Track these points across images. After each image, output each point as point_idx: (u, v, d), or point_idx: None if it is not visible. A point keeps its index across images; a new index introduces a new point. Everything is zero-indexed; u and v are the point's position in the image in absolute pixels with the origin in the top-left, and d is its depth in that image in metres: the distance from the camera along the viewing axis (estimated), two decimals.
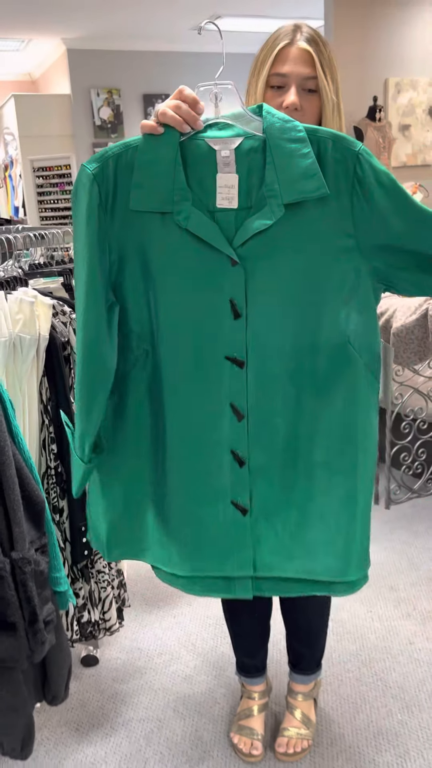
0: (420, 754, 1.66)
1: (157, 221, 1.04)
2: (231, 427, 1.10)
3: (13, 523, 1.29)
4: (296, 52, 1.25)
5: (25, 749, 1.40)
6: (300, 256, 1.05)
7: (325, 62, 1.27)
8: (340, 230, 1.04)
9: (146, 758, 1.69)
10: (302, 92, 1.26)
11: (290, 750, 1.66)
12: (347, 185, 1.02)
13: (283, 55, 1.25)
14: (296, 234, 1.03)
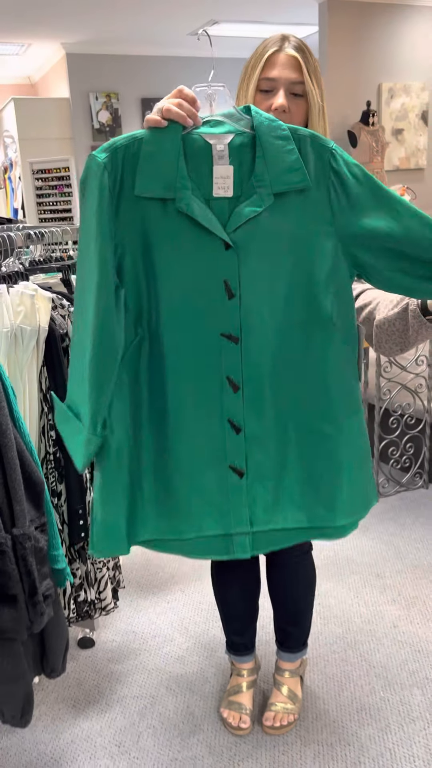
0: (400, 727, 1.74)
1: (159, 208, 1.13)
2: (227, 398, 1.20)
3: (14, 502, 1.37)
4: (284, 58, 1.34)
5: (25, 717, 1.48)
6: (286, 240, 1.16)
7: (311, 69, 1.36)
8: (321, 218, 1.16)
9: (140, 732, 1.77)
10: (290, 96, 1.35)
11: (277, 723, 1.74)
12: (325, 177, 1.15)
13: (272, 61, 1.35)
14: (283, 220, 1.15)
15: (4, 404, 1.36)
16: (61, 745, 1.74)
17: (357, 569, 2.45)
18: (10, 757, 1.71)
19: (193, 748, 1.71)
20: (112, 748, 1.73)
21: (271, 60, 1.34)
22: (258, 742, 1.72)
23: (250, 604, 1.79)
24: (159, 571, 2.49)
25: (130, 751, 1.71)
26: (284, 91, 1.34)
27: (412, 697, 1.84)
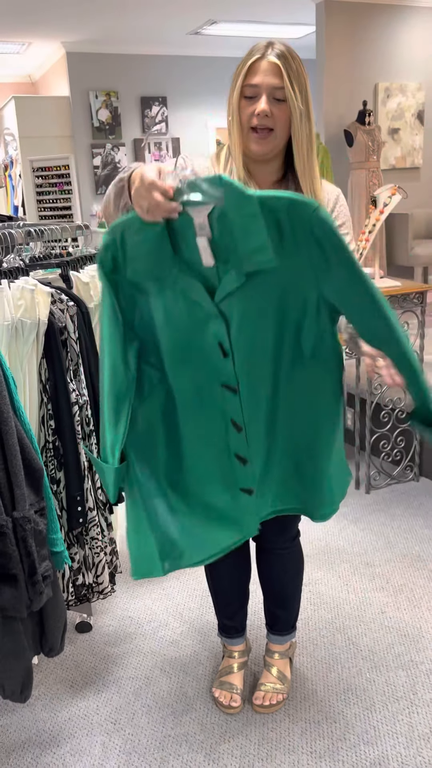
0: (384, 706, 1.82)
1: (153, 284, 1.29)
2: (233, 437, 1.41)
3: (15, 486, 1.44)
4: (266, 65, 1.40)
5: (24, 692, 1.55)
6: (267, 304, 1.29)
7: (293, 74, 1.40)
8: (302, 280, 1.26)
9: (134, 710, 1.84)
10: (272, 101, 1.41)
11: (266, 702, 1.81)
12: (306, 243, 1.21)
13: (254, 68, 1.41)
14: (261, 289, 1.27)
15: (5, 393, 1.43)
16: (59, 722, 1.81)
17: (347, 558, 2.53)
18: (10, 734, 1.78)
19: (186, 725, 1.78)
20: (108, 725, 1.80)
21: (254, 67, 1.41)
22: (248, 720, 1.79)
23: (241, 589, 1.86)
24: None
25: (125, 728, 1.79)
26: (266, 96, 1.40)
27: (397, 678, 1.91)
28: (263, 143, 1.41)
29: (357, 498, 3.01)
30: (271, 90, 1.39)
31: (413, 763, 1.63)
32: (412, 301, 2.93)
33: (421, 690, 1.86)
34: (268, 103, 1.39)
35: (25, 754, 1.72)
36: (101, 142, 7.31)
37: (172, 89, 7.54)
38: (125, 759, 1.69)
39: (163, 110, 7.55)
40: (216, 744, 1.72)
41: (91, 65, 7.11)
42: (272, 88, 1.39)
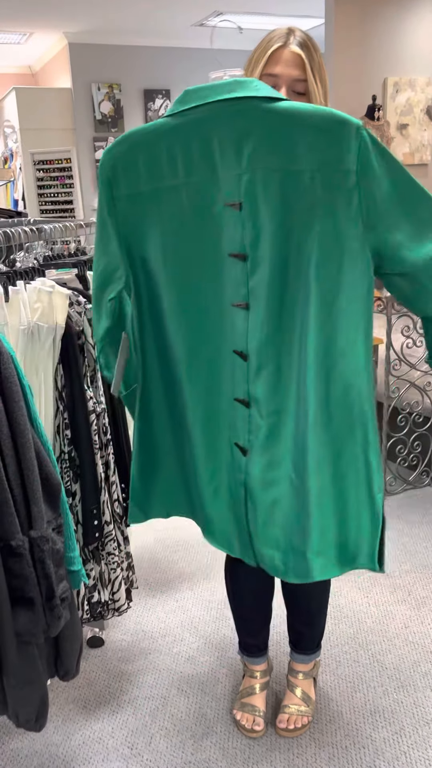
0: (415, 730, 1.73)
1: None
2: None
3: (32, 503, 1.35)
4: (288, 54, 1.30)
5: (40, 720, 1.46)
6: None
7: (315, 66, 1.32)
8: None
9: (152, 734, 1.76)
10: (291, 93, 1.32)
11: (291, 726, 1.73)
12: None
13: (275, 57, 1.31)
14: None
15: (22, 404, 1.33)
16: (72, 746, 1.72)
17: None
18: (21, 760, 1.69)
19: (207, 750, 1.70)
20: (124, 750, 1.71)
21: (275, 56, 1.31)
22: (272, 745, 1.70)
23: (264, 605, 1.77)
24: (168, 569, 2.48)
25: (142, 753, 1.70)
26: (286, 88, 1.31)
27: (426, 699, 1.83)
28: None
29: None
30: (292, 82, 1.30)
31: None
32: None
33: None
34: (288, 95, 1.30)
35: None
36: (103, 135, 7.19)
37: (176, 82, 7.41)
38: None
39: (167, 103, 7.43)
40: None
41: (94, 56, 6.98)
42: (293, 80, 1.30)
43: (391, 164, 1.13)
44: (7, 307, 1.47)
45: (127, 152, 1.18)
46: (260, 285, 1.18)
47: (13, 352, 1.35)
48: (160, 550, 2.62)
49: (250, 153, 1.11)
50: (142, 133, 1.17)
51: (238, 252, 1.17)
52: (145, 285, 1.28)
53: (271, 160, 1.11)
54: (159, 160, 1.16)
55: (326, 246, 1.14)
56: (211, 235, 1.18)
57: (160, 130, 1.15)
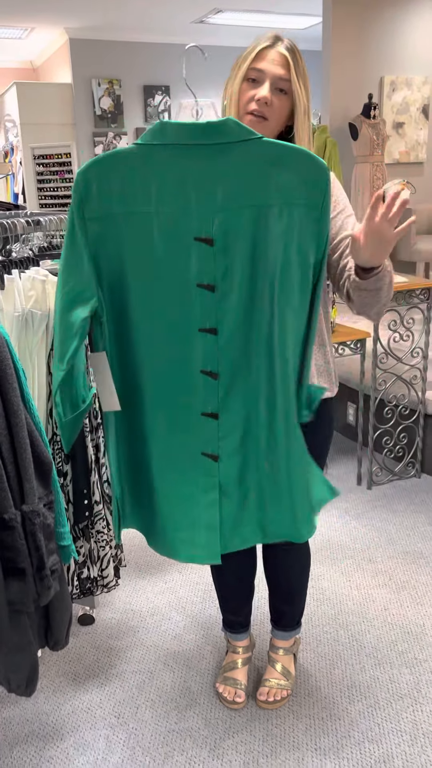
0: (389, 704, 1.82)
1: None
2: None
3: (24, 480, 1.42)
4: (275, 54, 1.40)
5: (30, 686, 1.54)
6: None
7: (299, 70, 1.41)
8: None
9: (138, 704, 1.84)
10: (275, 91, 1.40)
11: (270, 698, 1.81)
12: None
13: (262, 55, 1.40)
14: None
15: (15, 385, 1.41)
16: (62, 715, 1.81)
17: (350, 554, 2.52)
18: (13, 727, 1.77)
19: (190, 720, 1.78)
20: (111, 719, 1.79)
21: (262, 54, 1.40)
22: (252, 716, 1.79)
23: (246, 584, 1.85)
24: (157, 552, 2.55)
25: (128, 722, 1.78)
26: (270, 84, 1.39)
27: (401, 675, 1.91)
28: (256, 128, 1.40)
29: (359, 494, 3.00)
30: (276, 79, 1.39)
31: (418, 762, 1.63)
32: (418, 297, 2.91)
33: (425, 688, 1.86)
34: (270, 91, 1.38)
35: (28, 748, 1.71)
36: (103, 130, 7.26)
37: (176, 78, 7.47)
38: (129, 753, 1.68)
39: (166, 99, 7.49)
40: (220, 739, 1.71)
41: (94, 52, 7.04)
42: (277, 77, 1.39)
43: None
44: (3, 294, 1.55)
45: (102, 173, 1.20)
46: (228, 312, 1.26)
47: (8, 337, 1.43)
48: None
49: (225, 192, 1.18)
50: (118, 157, 1.20)
51: (207, 283, 1.23)
52: (110, 306, 1.31)
53: (245, 197, 1.18)
54: (133, 185, 1.19)
55: (289, 273, 1.25)
56: (179, 265, 1.23)
57: (137, 156, 1.18)
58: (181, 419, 1.33)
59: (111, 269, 1.26)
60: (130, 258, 1.24)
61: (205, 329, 1.26)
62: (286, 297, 1.27)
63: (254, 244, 1.22)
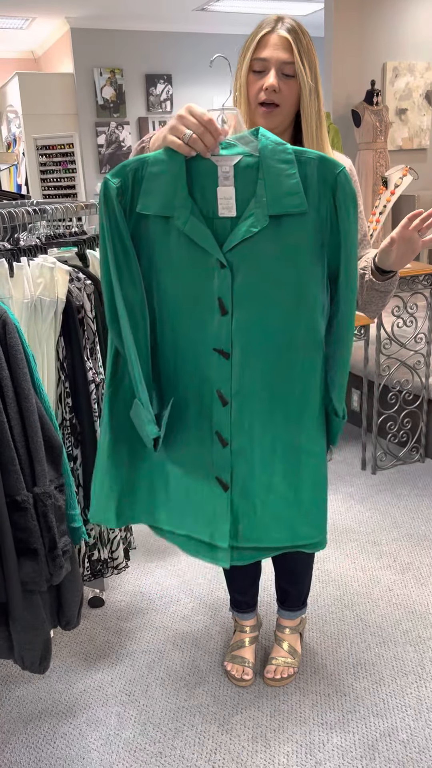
0: (393, 680, 1.86)
1: (162, 224, 1.19)
2: (216, 411, 1.29)
3: (36, 463, 1.46)
4: (276, 39, 1.38)
5: (43, 663, 1.59)
6: (281, 262, 1.20)
7: (303, 50, 1.38)
8: (317, 241, 1.20)
9: (148, 683, 1.88)
10: (281, 76, 1.39)
11: (277, 676, 1.85)
12: (327, 204, 1.18)
13: (264, 42, 1.39)
14: (278, 243, 1.18)
15: (26, 371, 1.44)
16: (74, 693, 1.85)
17: (355, 537, 2.56)
18: (27, 705, 1.82)
19: (199, 697, 1.82)
20: (122, 696, 1.84)
21: (263, 41, 1.39)
22: (260, 693, 1.83)
23: (252, 564, 1.89)
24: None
25: (139, 699, 1.83)
26: (275, 71, 1.38)
27: (405, 653, 1.95)
28: (270, 118, 1.41)
29: (363, 478, 3.04)
30: (281, 65, 1.38)
31: (422, 735, 1.67)
32: (422, 282, 2.93)
33: (429, 665, 1.90)
34: (277, 78, 1.38)
35: (42, 724, 1.76)
36: (105, 120, 7.25)
37: (178, 67, 7.46)
38: (141, 729, 1.73)
39: (168, 88, 7.48)
40: (229, 715, 1.76)
41: (96, 42, 7.02)
42: (281, 62, 1.37)
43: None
44: (12, 281, 1.58)
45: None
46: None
47: (18, 323, 1.46)
48: None
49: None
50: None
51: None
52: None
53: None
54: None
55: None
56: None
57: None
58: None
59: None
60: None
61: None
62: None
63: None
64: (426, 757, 1.61)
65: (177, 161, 1.15)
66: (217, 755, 1.64)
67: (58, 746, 1.69)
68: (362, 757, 1.62)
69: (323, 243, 1.20)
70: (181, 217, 1.17)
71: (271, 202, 1.15)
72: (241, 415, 1.27)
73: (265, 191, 1.15)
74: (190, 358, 1.25)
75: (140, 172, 1.18)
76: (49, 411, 1.52)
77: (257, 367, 1.25)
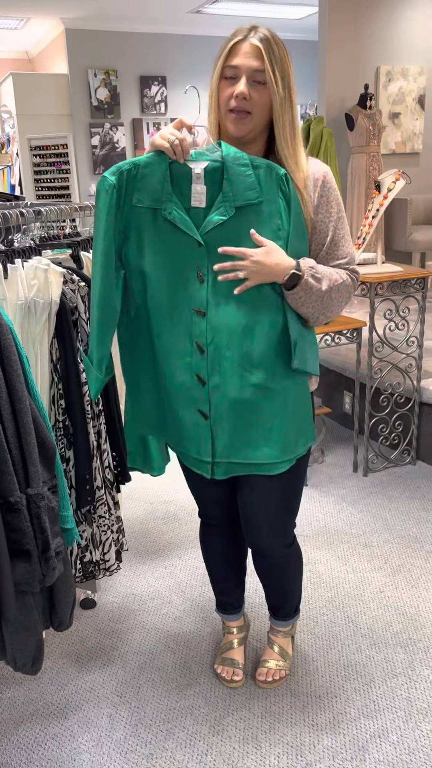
0: (384, 682, 1.87)
1: (150, 215, 1.46)
2: (196, 358, 1.51)
3: (29, 464, 1.46)
4: (247, 47, 1.40)
5: (36, 664, 1.59)
6: (244, 241, 1.44)
7: (275, 59, 1.40)
8: (273, 226, 1.46)
9: (140, 684, 1.89)
10: (252, 83, 1.41)
11: (269, 678, 1.86)
12: (276, 196, 1.44)
13: (235, 50, 1.41)
14: (242, 226, 1.44)
15: (20, 372, 1.44)
16: (65, 695, 1.85)
17: (346, 539, 2.57)
18: (18, 706, 1.82)
19: (190, 698, 1.83)
20: (114, 698, 1.84)
21: (235, 49, 1.41)
22: (251, 694, 1.84)
23: (236, 567, 1.89)
24: (157, 539, 2.60)
25: (131, 701, 1.83)
26: (246, 78, 1.40)
27: (396, 655, 1.96)
28: (240, 125, 1.43)
29: (355, 480, 3.05)
30: (251, 72, 1.40)
31: (412, 736, 1.69)
32: (414, 286, 2.95)
33: (419, 666, 1.91)
34: (247, 85, 1.40)
35: (33, 726, 1.76)
36: (100, 121, 7.25)
37: (172, 69, 7.47)
38: (132, 730, 1.73)
39: (163, 90, 7.48)
40: (220, 717, 1.76)
41: (91, 43, 7.02)
42: (252, 70, 1.40)
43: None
44: (6, 283, 1.58)
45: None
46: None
47: (12, 324, 1.46)
48: (150, 520, 2.74)
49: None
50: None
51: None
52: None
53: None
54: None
55: None
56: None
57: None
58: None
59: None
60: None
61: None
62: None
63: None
64: (416, 759, 1.62)
65: (163, 164, 1.43)
66: (208, 757, 1.65)
67: (49, 748, 1.69)
68: (353, 759, 1.63)
69: (280, 227, 1.46)
70: (168, 208, 1.44)
71: (235, 196, 1.42)
72: (214, 360, 1.50)
73: (230, 188, 1.42)
74: (176, 317, 1.51)
75: (133, 172, 1.44)
76: (43, 412, 1.53)
77: (226, 322, 1.49)
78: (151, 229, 1.46)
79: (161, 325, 1.52)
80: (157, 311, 1.51)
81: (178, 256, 1.46)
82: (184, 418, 1.57)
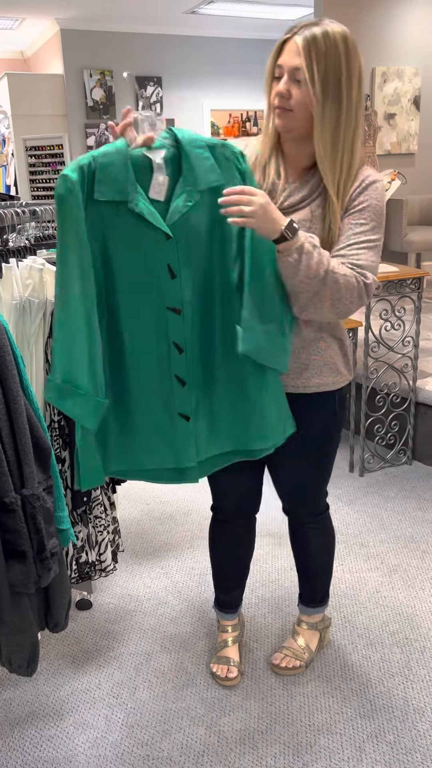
0: (380, 682, 1.87)
1: (113, 209, 1.35)
2: (174, 358, 1.46)
3: (24, 465, 1.46)
4: (292, 44, 1.39)
5: (31, 666, 1.58)
6: (211, 228, 1.41)
7: (318, 56, 1.36)
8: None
9: (136, 685, 1.88)
10: (293, 82, 1.40)
11: (282, 664, 1.88)
12: (233, 176, 1.40)
13: (283, 48, 1.42)
14: (207, 212, 1.39)
15: (15, 372, 1.44)
16: (61, 696, 1.85)
17: (342, 539, 2.57)
18: (14, 708, 1.81)
19: (187, 699, 1.82)
20: (110, 699, 1.83)
21: (283, 47, 1.42)
22: (247, 695, 1.83)
23: (240, 566, 1.90)
24: (154, 540, 2.60)
25: (126, 702, 1.82)
26: (288, 77, 1.40)
27: (392, 654, 1.96)
28: (284, 118, 1.43)
29: (351, 480, 3.05)
30: (292, 71, 1.39)
31: (409, 736, 1.68)
32: (409, 286, 2.95)
33: (415, 666, 1.91)
34: (288, 83, 1.40)
35: (28, 727, 1.75)
36: (95, 121, 7.24)
37: (167, 69, 7.46)
38: (128, 732, 1.73)
39: (158, 90, 7.48)
40: (217, 717, 1.76)
41: (86, 43, 7.01)
42: (292, 69, 1.39)
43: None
44: (1, 283, 1.58)
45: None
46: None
47: (7, 324, 1.45)
48: (146, 521, 2.74)
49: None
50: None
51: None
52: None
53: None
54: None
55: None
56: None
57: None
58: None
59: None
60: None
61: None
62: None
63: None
64: (413, 759, 1.62)
65: (121, 153, 1.33)
66: (204, 757, 1.64)
67: (45, 749, 1.68)
68: (349, 759, 1.63)
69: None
70: (133, 200, 1.34)
71: (196, 180, 1.36)
72: (193, 359, 1.47)
73: (190, 172, 1.36)
74: (149, 318, 1.43)
75: (93, 165, 1.33)
76: (38, 413, 1.52)
77: (202, 319, 1.46)
78: (113, 225, 1.36)
79: (134, 329, 1.43)
80: (128, 314, 1.42)
81: (146, 251, 1.38)
82: (162, 426, 1.49)
